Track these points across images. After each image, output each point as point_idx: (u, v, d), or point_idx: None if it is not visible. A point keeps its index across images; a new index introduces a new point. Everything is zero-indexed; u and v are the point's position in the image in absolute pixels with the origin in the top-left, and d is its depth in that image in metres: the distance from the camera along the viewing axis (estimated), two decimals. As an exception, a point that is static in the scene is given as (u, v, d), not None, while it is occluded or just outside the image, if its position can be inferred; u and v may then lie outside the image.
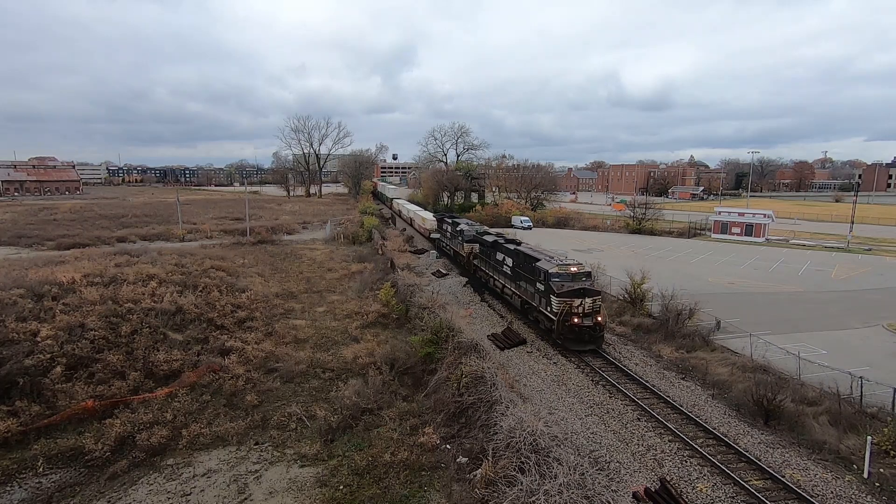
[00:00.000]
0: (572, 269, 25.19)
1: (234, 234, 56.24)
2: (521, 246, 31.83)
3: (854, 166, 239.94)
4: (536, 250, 29.70)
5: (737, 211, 72.28)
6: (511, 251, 30.95)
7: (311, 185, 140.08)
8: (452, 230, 46.91)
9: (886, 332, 27.81)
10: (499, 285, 33.18)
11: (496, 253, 33.43)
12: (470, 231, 42.17)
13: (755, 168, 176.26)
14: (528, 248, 30.55)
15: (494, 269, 33.75)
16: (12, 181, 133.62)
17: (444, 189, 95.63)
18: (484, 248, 36.47)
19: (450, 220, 50.17)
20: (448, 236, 48.98)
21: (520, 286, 29.18)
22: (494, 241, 34.44)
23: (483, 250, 36.83)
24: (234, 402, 19.81)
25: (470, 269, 40.29)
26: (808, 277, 42.37)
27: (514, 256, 30.38)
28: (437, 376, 20.89)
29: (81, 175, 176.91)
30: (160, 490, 14.80)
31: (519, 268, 29.24)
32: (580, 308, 23.55)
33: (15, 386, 18.91)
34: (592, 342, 23.84)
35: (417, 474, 15.29)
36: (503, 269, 31.87)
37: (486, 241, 36.12)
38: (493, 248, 34.24)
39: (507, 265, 31.15)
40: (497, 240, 34.74)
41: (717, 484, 14.41)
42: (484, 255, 36.51)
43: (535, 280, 26.46)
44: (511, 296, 31.10)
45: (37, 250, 45.03)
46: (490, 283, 35.25)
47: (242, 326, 26.78)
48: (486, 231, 41.87)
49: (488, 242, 35.34)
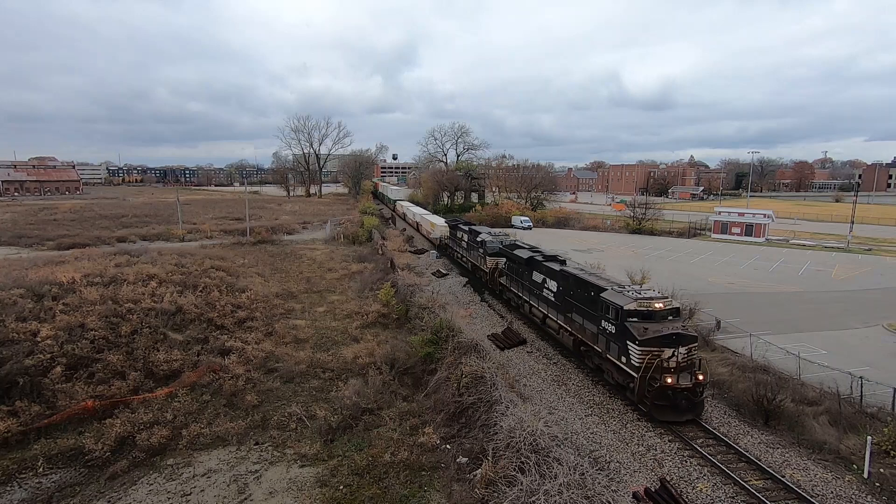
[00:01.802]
0: (657, 304, 18.50)
1: (234, 234, 56.24)
2: (569, 266, 26.10)
3: (854, 166, 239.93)
4: (595, 274, 23.95)
5: (737, 211, 72.30)
6: (556, 273, 24.72)
7: (311, 185, 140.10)
8: (470, 240, 40.65)
9: (886, 332, 27.81)
10: (538, 314, 26.94)
11: (532, 272, 27.36)
12: (494, 243, 35.91)
13: (755, 168, 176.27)
14: (581, 271, 24.56)
15: (530, 291, 27.67)
16: (12, 181, 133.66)
17: (443, 189, 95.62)
18: (514, 265, 30.40)
19: (466, 228, 43.42)
20: (464, 246, 42.55)
21: (571, 320, 22.76)
22: (531, 259, 28.02)
23: (513, 267, 30.76)
24: (234, 402, 19.81)
25: (495, 288, 34.63)
26: (808, 277, 42.38)
27: (560, 279, 24.20)
28: (437, 376, 20.90)
29: (81, 175, 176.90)
30: (160, 490, 14.80)
31: (570, 296, 22.99)
32: (673, 361, 17.28)
33: (15, 386, 18.91)
34: (690, 410, 17.42)
35: (417, 474, 15.29)
36: (543, 293, 25.83)
37: (517, 258, 29.79)
38: (528, 265, 27.91)
39: (550, 289, 25.11)
40: (534, 256, 28.39)
41: (717, 484, 14.41)
42: (514, 274, 30.40)
43: (598, 316, 20.19)
44: (558, 331, 24.57)
45: (37, 250, 45.04)
46: (525, 310, 28.96)
47: (242, 326, 26.79)
48: (514, 243, 35.26)
49: (521, 259, 29.00)
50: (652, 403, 17.42)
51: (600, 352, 20.27)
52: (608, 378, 20.31)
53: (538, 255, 28.83)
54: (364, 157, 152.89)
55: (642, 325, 18.00)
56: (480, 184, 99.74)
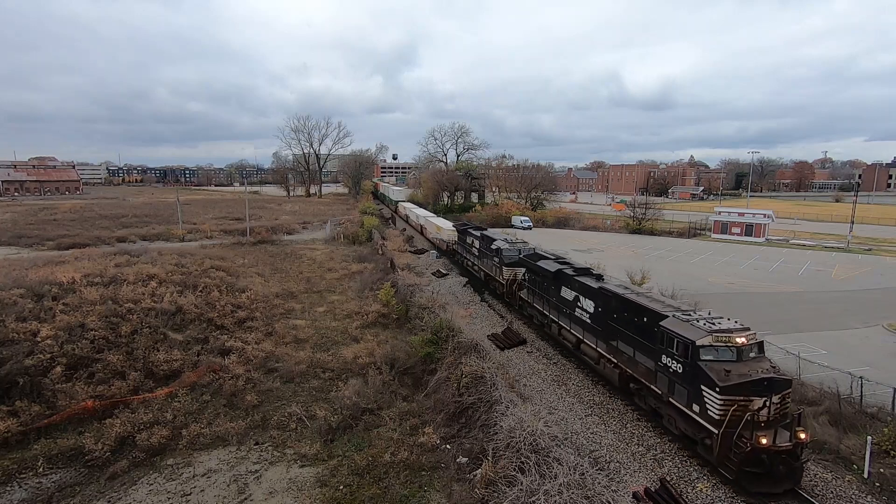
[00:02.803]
0: (738, 338, 14.79)
1: (234, 234, 56.21)
2: (609, 282, 22.21)
3: (854, 166, 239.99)
4: (645, 294, 19.75)
5: (737, 211, 72.29)
6: (593, 291, 21.09)
7: (311, 185, 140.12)
8: (483, 247, 37.12)
9: (886, 332, 27.81)
10: (570, 338, 23.24)
11: (561, 287, 24.11)
12: (512, 251, 32.55)
13: (755, 168, 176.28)
14: (627, 290, 20.41)
15: (558, 310, 24.24)
16: (12, 181, 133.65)
17: (443, 189, 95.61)
18: (538, 278, 26.92)
19: (477, 234, 39.65)
20: (475, 254, 39.02)
21: (617, 350, 19.12)
22: (560, 272, 24.47)
23: (536, 280, 27.30)
24: (234, 402, 19.80)
25: (513, 302, 31.09)
26: (808, 277, 42.37)
27: (599, 299, 20.64)
28: (437, 376, 20.90)
29: (81, 175, 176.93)
30: (160, 490, 14.80)
31: (614, 320, 19.34)
32: (764, 414, 13.75)
33: (15, 386, 18.90)
34: (789, 478, 13.67)
35: (417, 474, 15.29)
36: (576, 312, 22.45)
37: (542, 270, 26.31)
38: (556, 280, 24.61)
39: (584, 309, 21.64)
40: (563, 269, 24.69)
41: (717, 484, 14.41)
42: (537, 287, 26.97)
43: (657, 350, 16.57)
44: (597, 360, 20.71)
45: (37, 250, 45.00)
46: (553, 331, 25.23)
47: (242, 326, 26.77)
48: (536, 252, 31.46)
49: (547, 272, 25.46)
50: (739, 469, 13.60)
51: (660, 394, 16.64)
52: (669, 426, 16.58)
53: (567, 267, 25.15)
54: (364, 157, 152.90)
55: (721, 365, 14.40)
56: (480, 184, 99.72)
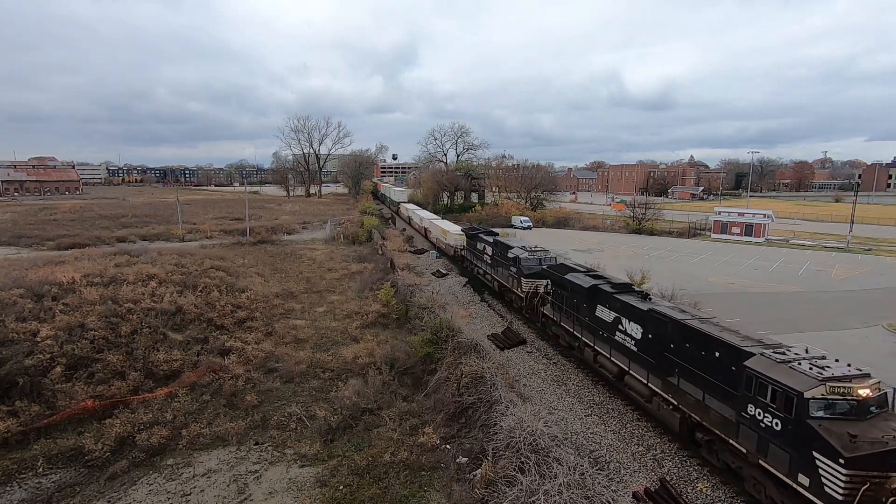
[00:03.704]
0: (861, 388, 11.47)
1: (233, 234, 56.24)
2: (660, 303, 18.29)
3: (854, 166, 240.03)
4: (713, 321, 15.75)
5: (737, 211, 72.28)
6: (641, 314, 17.48)
7: (311, 185, 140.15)
8: (497, 254, 33.44)
9: (886, 332, 27.81)
10: (610, 368, 19.62)
11: (597, 306, 20.50)
12: (532, 261, 28.64)
13: (755, 168, 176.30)
14: (684, 313, 16.60)
15: (594, 332, 20.66)
16: (12, 181, 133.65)
17: (443, 189, 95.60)
18: (566, 293, 23.02)
19: (490, 240, 36.04)
20: (487, 262, 35.32)
21: (679, 390, 15.38)
22: (595, 288, 20.91)
23: (563, 295, 23.35)
24: (234, 402, 19.79)
25: (535, 317, 27.01)
26: (808, 277, 42.37)
27: (649, 324, 17.07)
28: (437, 376, 20.89)
29: (81, 175, 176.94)
30: (160, 490, 14.80)
31: (672, 351, 15.81)
32: None
33: (15, 386, 18.90)
34: None
35: (417, 474, 15.29)
36: (617, 337, 18.85)
37: (572, 285, 22.33)
38: (590, 297, 21.01)
39: (629, 334, 18.04)
40: (598, 284, 21.00)
41: (716, 484, 14.42)
42: (565, 304, 23.09)
43: (742, 397, 12.99)
44: (648, 398, 17.08)
45: (37, 250, 45.03)
46: (587, 356, 21.61)
47: (242, 326, 26.77)
48: (563, 263, 27.44)
49: (579, 288, 21.64)
50: None
51: (745, 452, 13.05)
52: (754, 493, 13.13)
53: (603, 282, 21.39)
54: (364, 157, 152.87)
55: (842, 426, 10.99)
56: (480, 184, 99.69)
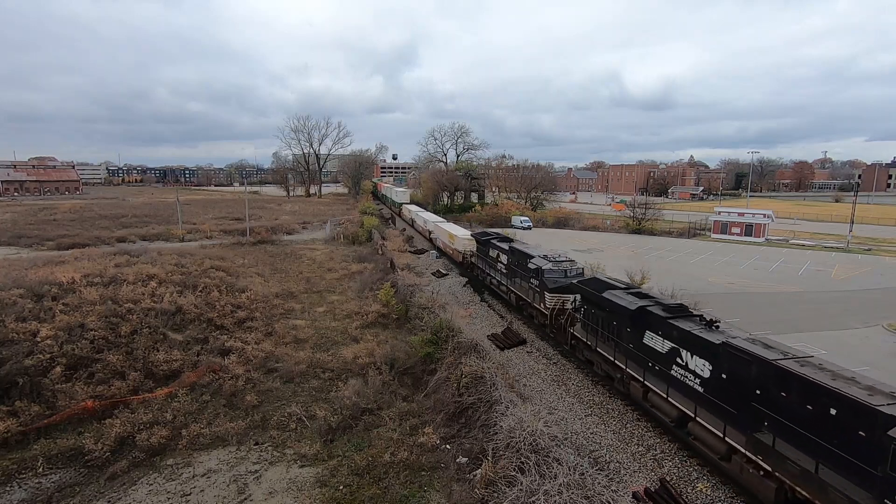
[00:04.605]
0: None
1: (233, 234, 56.23)
2: (739, 337, 14.70)
3: (854, 166, 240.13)
4: (815, 364, 12.58)
5: (736, 211, 72.32)
6: (709, 347, 14.46)
7: (311, 185, 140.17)
8: (514, 263, 29.98)
9: (886, 332, 27.81)
10: (667, 410, 16.18)
11: (644, 332, 17.31)
12: (556, 272, 25.34)
13: (755, 168, 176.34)
14: (772, 351, 13.39)
15: (640, 362, 17.49)
16: (12, 181, 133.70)
17: (443, 189, 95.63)
18: (601, 313, 19.84)
19: (505, 247, 32.39)
20: (502, 270, 31.89)
21: (771, 450, 12.42)
22: (643, 311, 17.54)
23: (597, 315, 20.15)
24: (234, 402, 19.78)
25: (561, 338, 24.00)
26: (808, 277, 42.38)
27: (722, 360, 14.00)
28: (437, 376, 20.89)
29: (81, 175, 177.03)
30: (160, 490, 14.79)
31: (762, 400, 12.70)
32: None
33: (15, 386, 18.89)
34: None
35: (417, 474, 15.28)
36: (674, 372, 15.76)
37: (610, 304, 19.16)
38: (636, 321, 17.73)
39: (693, 370, 14.93)
40: (647, 307, 17.58)
41: (716, 484, 14.42)
42: (600, 325, 19.96)
43: (885, 478, 9.93)
44: (726, 456, 13.93)
45: (36, 250, 45.01)
46: (634, 392, 18.09)
47: (242, 326, 26.76)
48: (596, 277, 23.67)
49: (623, 309, 18.28)
50: None
51: None
52: None
53: (652, 303, 17.99)
54: (364, 157, 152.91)
55: None
56: (480, 184, 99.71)
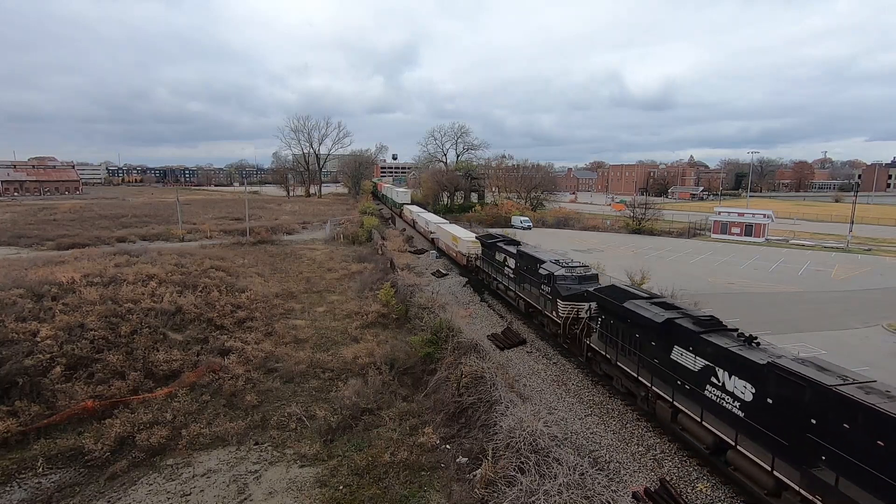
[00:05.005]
0: None
1: (233, 234, 56.22)
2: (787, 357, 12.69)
3: (853, 166, 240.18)
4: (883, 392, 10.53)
5: (736, 211, 72.33)
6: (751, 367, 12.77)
7: (311, 185, 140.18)
8: (523, 268, 28.36)
9: (886, 332, 27.81)
10: (702, 436, 14.50)
11: (673, 347, 15.54)
12: (570, 279, 23.76)
13: (755, 168, 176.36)
14: (830, 375, 11.57)
15: (666, 379, 15.79)
16: (12, 181, 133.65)
17: (443, 189, 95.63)
18: (622, 325, 18.18)
19: (512, 250, 30.77)
20: (510, 275, 30.41)
21: (833, 490, 10.82)
22: (670, 324, 15.72)
23: (617, 326, 18.53)
24: (234, 402, 19.79)
25: (576, 349, 22.42)
26: (808, 277, 42.38)
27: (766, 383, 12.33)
28: (437, 376, 20.89)
29: (81, 175, 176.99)
30: (160, 490, 14.79)
31: (819, 431, 11.16)
32: None
33: (15, 386, 18.89)
34: None
35: (417, 474, 15.29)
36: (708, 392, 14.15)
37: (633, 315, 17.38)
38: (664, 335, 15.88)
39: (732, 392, 13.35)
40: (675, 319, 15.74)
41: (716, 484, 14.41)
42: (620, 337, 18.32)
43: None
44: (774, 491, 12.64)
45: (36, 250, 45.01)
46: (660, 412, 16.37)
47: (242, 326, 26.76)
48: (616, 285, 21.91)
49: (648, 322, 16.54)
50: None
51: None
52: None
53: (679, 315, 16.15)
54: (364, 157, 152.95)
55: None
56: (480, 184, 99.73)
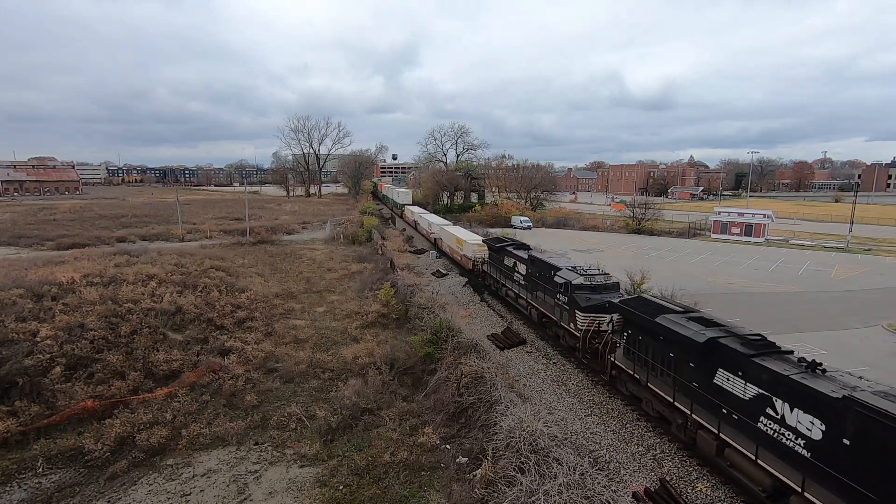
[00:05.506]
0: None
1: (233, 234, 56.20)
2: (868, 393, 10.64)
3: (853, 166, 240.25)
4: None
5: (736, 211, 72.34)
6: (827, 403, 10.96)
7: (311, 185, 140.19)
8: (535, 274, 26.72)
9: (886, 332, 27.81)
10: (758, 477, 12.94)
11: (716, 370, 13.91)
12: (587, 287, 22.00)
13: (755, 168, 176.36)
14: None
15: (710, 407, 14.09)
16: (12, 181, 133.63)
17: (443, 189, 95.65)
18: (656, 343, 16.42)
19: (523, 255, 29.19)
20: (520, 282, 28.86)
21: None
22: (714, 345, 14.09)
23: (647, 343, 16.84)
24: (234, 402, 19.79)
25: (599, 365, 20.72)
26: (808, 277, 42.38)
27: (846, 424, 10.48)
28: (437, 376, 20.89)
29: (81, 175, 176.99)
30: (160, 490, 14.79)
31: None
32: None
33: (15, 386, 18.89)
34: None
35: (417, 474, 15.29)
36: (763, 426, 12.61)
37: (669, 333, 15.64)
38: (707, 357, 14.21)
39: (796, 428, 11.82)
40: (720, 339, 14.14)
41: (716, 484, 14.41)
42: (651, 355, 16.64)
43: None
44: None
45: (36, 250, 44.99)
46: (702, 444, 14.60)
47: (242, 326, 26.76)
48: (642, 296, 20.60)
49: (686, 342, 14.83)
50: None
51: None
52: None
53: (723, 333, 14.53)
54: (364, 157, 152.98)
55: None
56: (480, 184, 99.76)
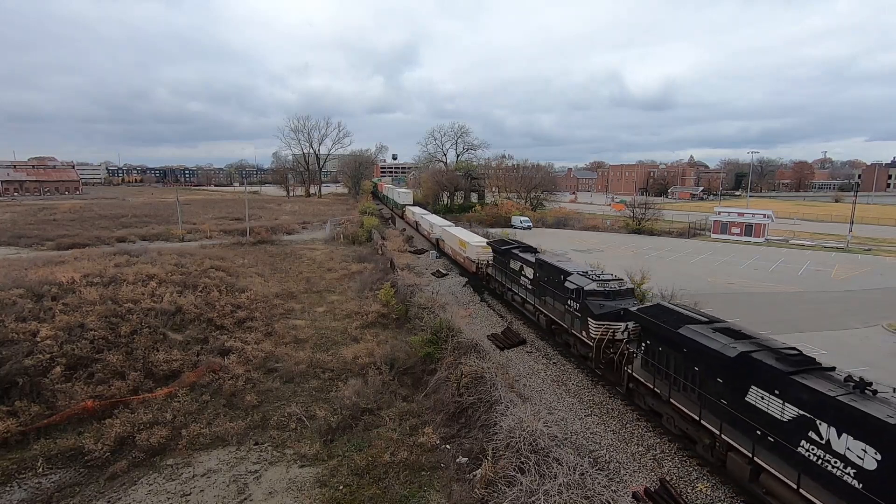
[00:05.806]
0: None
1: (233, 234, 56.21)
2: None
3: (853, 166, 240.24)
4: None
5: (736, 211, 72.33)
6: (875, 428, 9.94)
7: (311, 185, 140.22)
8: (544, 279, 25.82)
9: (886, 332, 27.81)
10: None
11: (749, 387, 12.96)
12: (601, 293, 21.19)
13: (755, 168, 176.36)
14: None
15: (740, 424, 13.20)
16: (12, 181, 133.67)
17: (443, 189, 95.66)
18: (677, 354, 15.52)
19: (530, 259, 28.19)
20: (528, 286, 27.87)
21: None
22: (745, 360, 13.21)
23: (668, 353, 15.97)
24: (234, 402, 19.79)
25: (614, 377, 19.89)
26: (808, 277, 42.38)
27: None
28: (437, 376, 20.89)
29: (81, 175, 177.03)
30: (160, 490, 14.79)
31: None
32: None
33: (15, 386, 18.89)
34: None
35: (417, 474, 15.29)
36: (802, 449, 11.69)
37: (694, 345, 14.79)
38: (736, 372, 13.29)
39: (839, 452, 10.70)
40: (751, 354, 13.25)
41: (716, 484, 14.42)
42: (673, 368, 15.77)
43: None
44: None
45: (36, 250, 45.00)
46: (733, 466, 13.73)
47: (242, 326, 26.76)
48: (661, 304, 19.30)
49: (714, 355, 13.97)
50: None
51: None
52: None
53: (756, 347, 13.64)
54: (364, 157, 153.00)
55: None
56: (480, 184, 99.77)
